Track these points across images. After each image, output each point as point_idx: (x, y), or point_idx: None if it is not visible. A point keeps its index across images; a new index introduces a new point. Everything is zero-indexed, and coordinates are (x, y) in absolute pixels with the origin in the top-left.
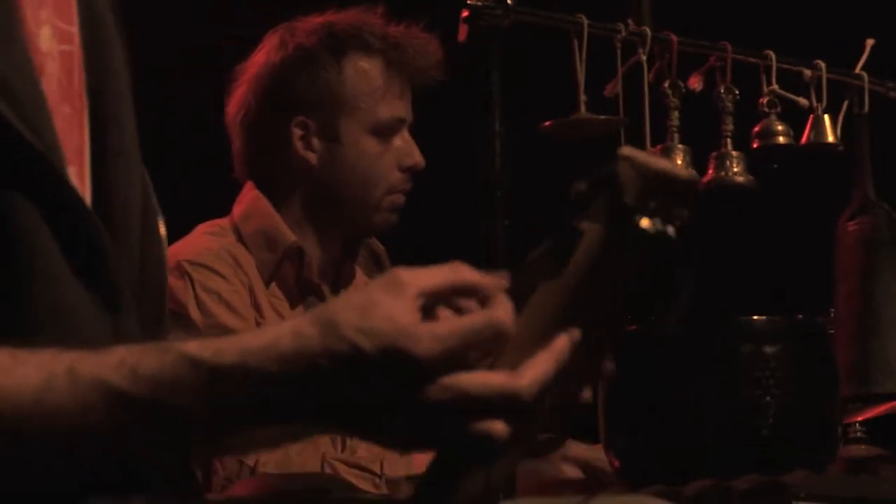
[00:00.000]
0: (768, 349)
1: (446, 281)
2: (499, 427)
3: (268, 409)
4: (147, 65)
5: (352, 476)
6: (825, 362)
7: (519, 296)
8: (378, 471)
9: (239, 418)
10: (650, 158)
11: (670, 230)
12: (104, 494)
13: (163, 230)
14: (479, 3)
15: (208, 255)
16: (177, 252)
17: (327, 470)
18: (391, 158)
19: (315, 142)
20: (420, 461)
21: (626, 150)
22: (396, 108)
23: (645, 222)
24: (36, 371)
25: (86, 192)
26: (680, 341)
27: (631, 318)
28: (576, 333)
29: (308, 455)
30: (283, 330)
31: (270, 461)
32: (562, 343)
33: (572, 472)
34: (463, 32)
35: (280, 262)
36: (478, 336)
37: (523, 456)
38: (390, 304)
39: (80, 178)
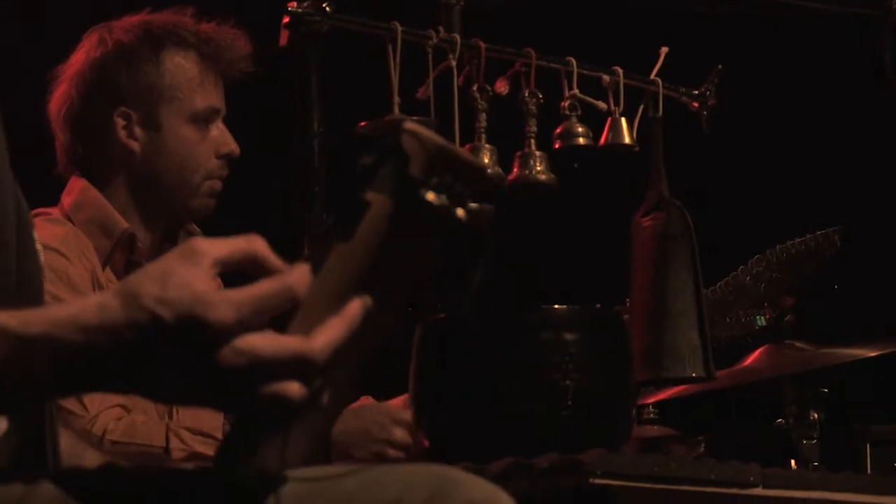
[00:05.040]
0: (568, 336)
1: (240, 250)
2: (292, 388)
3: (74, 376)
4: None
5: (196, 443)
6: (620, 349)
7: (315, 262)
8: (221, 437)
9: (46, 384)
10: (434, 134)
11: (457, 210)
12: None
13: (38, 244)
14: (299, 10)
15: (55, 239)
16: None
17: (172, 438)
18: (209, 146)
19: (137, 131)
20: None
21: (410, 125)
22: (212, 97)
23: (430, 195)
24: None
25: None
26: (486, 328)
27: (433, 300)
28: (368, 300)
29: (153, 424)
30: (88, 303)
31: (117, 430)
32: (354, 308)
33: (402, 435)
34: (284, 37)
35: (115, 248)
36: (271, 301)
37: (326, 423)
38: (186, 272)
39: None
